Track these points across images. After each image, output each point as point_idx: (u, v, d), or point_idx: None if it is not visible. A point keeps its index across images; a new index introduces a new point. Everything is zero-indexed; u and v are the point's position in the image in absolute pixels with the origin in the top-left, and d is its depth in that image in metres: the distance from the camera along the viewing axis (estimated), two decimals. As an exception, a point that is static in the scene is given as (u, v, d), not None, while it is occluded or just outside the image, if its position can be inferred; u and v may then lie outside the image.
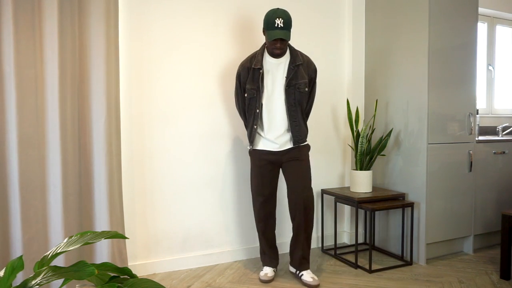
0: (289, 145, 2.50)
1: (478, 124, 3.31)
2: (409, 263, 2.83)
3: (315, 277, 2.50)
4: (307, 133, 2.57)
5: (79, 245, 1.16)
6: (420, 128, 2.83)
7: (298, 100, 2.46)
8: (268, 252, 2.65)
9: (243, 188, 2.95)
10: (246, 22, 2.91)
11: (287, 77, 2.44)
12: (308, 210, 2.50)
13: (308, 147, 2.60)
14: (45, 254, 1.19)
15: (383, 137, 2.98)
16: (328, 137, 3.25)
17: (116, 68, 2.39)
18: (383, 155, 3.09)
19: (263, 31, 2.45)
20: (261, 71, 2.45)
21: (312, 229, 2.57)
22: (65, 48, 2.24)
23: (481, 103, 3.91)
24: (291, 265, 2.64)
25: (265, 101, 2.47)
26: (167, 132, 2.70)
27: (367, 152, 2.92)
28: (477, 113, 3.09)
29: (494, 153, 3.13)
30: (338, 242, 3.09)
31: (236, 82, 2.57)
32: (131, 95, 2.59)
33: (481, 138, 3.25)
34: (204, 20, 2.78)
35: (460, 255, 3.02)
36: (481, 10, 3.64)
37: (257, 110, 2.48)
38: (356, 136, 2.92)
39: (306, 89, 2.48)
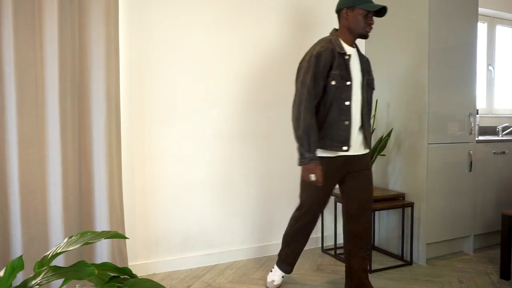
0: (362, 150, 2.21)
1: (478, 124, 3.30)
2: (409, 263, 2.83)
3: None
4: None
5: (79, 245, 1.17)
6: (420, 128, 2.83)
7: (370, 98, 2.26)
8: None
9: (243, 188, 2.95)
10: (248, 22, 2.91)
11: (362, 70, 2.17)
12: (366, 234, 2.33)
13: None
14: (45, 254, 1.19)
15: (383, 137, 2.98)
16: (328, 137, 3.24)
17: (116, 68, 2.39)
18: (383, 155, 3.09)
19: (339, 12, 2.15)
20: (346, 57, 2.10)
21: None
22: (65, 48, 2.24)
23: (481, 103, 3.91)
24: None
25: (354, 92, 2.12)
26: (167, 132, 2.70)
27: (367, 152, 2.92)
28: (477, 113, 3.09)
29: (494, 153, 3.13)
30: (338, 242, 3.08)
31: (308, 66, 2.06)
32: (131, 95, 2.59)
33: (481, 138, 3.25)
34: (205, 19, 2.78)
35: (460, 255, 3.02)
36: (481, 10, 3.64)
37: (346, 103, 2.09)
38: (356, 136, 2.92)
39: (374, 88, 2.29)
